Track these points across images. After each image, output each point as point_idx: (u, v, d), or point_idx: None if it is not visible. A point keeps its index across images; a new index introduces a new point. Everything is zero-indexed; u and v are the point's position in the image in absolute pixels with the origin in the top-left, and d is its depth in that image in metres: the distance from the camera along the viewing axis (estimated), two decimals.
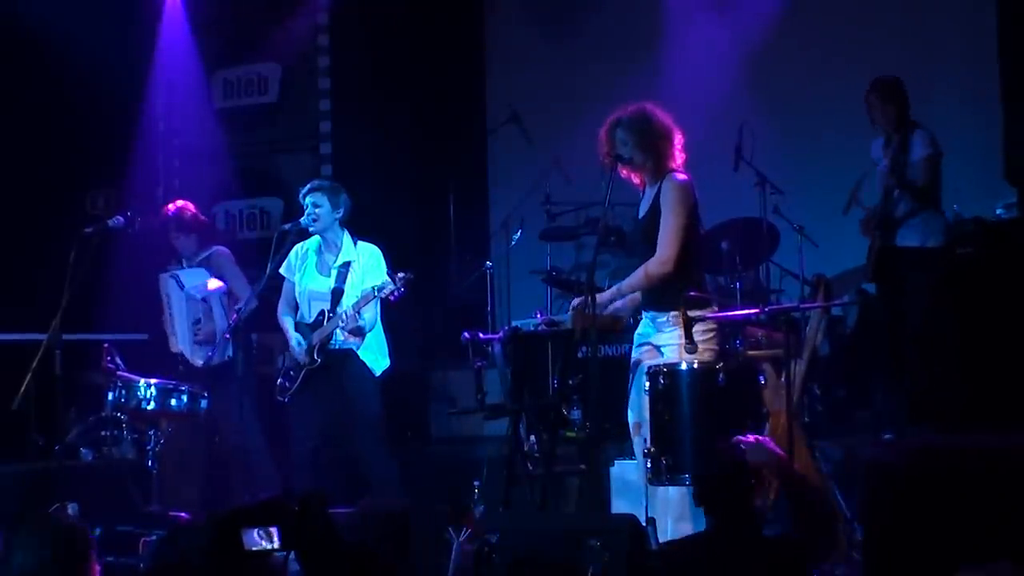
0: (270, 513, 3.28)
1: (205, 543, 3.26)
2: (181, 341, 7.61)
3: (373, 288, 6.71)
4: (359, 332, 6.88)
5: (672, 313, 5.66)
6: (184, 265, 7.74)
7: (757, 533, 4.31)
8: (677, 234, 5.62)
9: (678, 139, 5.79)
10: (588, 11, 9.94)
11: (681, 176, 5.72)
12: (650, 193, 5.81)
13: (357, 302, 6.77)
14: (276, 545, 3.26)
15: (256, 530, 3.25)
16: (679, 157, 5.78)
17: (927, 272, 7.06)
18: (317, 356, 6.91)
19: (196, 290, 7.60)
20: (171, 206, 7.83)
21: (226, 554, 3.25)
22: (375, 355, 7.00)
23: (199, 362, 7.46)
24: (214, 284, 7.58)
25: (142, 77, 9.60)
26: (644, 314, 5.87)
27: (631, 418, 5.83)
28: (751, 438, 4.76)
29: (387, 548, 4.52)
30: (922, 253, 7.08)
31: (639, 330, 5.90)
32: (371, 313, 6.89)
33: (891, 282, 7.18)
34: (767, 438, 4.92)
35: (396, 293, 6.65)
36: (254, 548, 3.24)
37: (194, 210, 7.82)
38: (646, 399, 5.59)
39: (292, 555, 3.31)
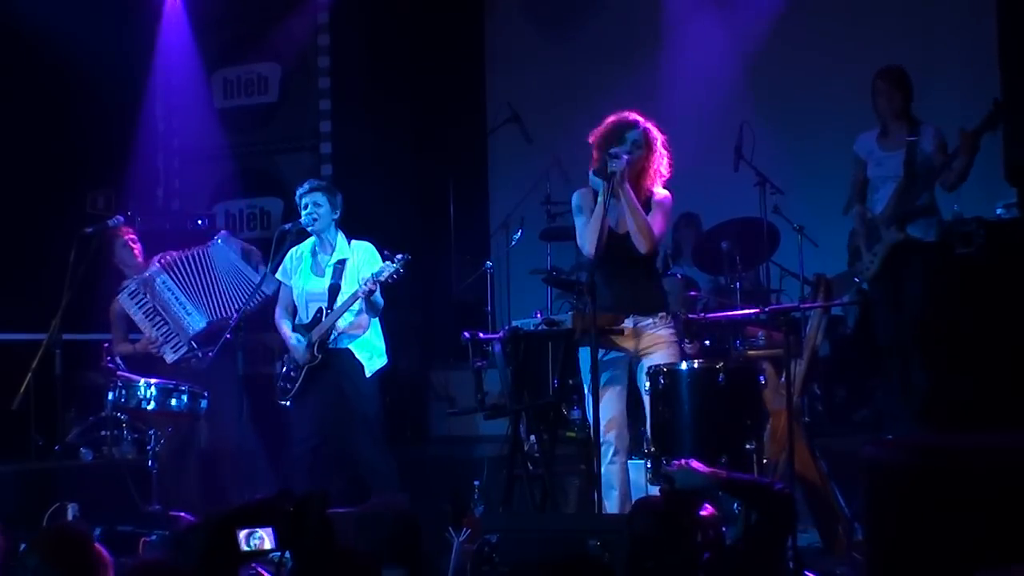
0: (265, 513, 3.27)
1: (200, 544, 3.25)
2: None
3: (372, 275, 6.70)
4: (375, 308, 6.86)
5: (659, 315, 5.88)
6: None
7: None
8: (667, 223, 6.04)
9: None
10: (588, 11, 9.95)
11: (667, 191, 6.02)
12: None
13: (367, 279, 6.75)
14: (271, 546, 3.26)
15: (250, 530, 3.24)
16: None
17: (926, 266, 7.02)
18: (317, 352, 6.90)
19: None
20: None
21: (221, 555, 3.24)
22: (369, 354, 6.99)
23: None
24: None
25: (142, 77, 9.60)
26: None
27: (604, 415, 5.85)
28: (675, 465, 4.71)
29: (397, 550, 4.47)
30: (924, 246, 7.03)
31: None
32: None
33: (897, 276, 7.12)
34: (692, 460, 4.84)
35: (396, 275, 6.63)
36: (248, 549, 3.24)
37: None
38: (646, 398, 5.63)
39: (288, 555, 3.31)
